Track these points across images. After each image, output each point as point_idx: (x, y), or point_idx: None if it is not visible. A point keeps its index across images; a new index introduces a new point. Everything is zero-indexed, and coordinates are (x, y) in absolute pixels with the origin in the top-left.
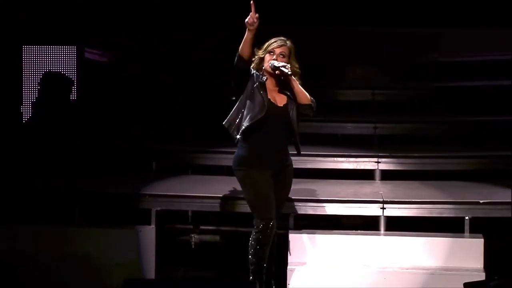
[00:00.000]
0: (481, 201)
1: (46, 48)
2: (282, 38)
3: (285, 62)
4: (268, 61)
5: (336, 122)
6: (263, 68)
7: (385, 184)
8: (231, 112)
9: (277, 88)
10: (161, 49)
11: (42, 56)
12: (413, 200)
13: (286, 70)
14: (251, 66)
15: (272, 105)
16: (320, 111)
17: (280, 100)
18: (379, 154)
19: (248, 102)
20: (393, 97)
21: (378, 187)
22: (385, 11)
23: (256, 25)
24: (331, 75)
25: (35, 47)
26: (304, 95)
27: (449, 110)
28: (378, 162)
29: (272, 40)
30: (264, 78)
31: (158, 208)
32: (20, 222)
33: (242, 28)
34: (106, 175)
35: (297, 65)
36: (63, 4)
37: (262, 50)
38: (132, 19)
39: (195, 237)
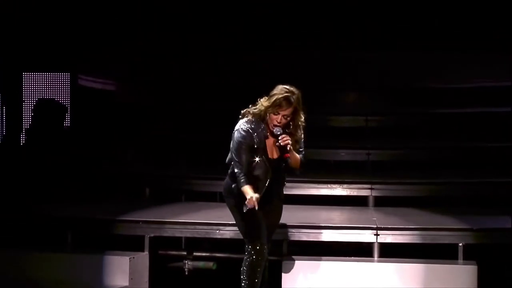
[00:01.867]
0: (474, 228)
1: (41, 75)
2: (288, 94)
3: (286, 122)
4: (273, 123)
5: (329, 148)
6: (266, 120)
7: (379, 210)
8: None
9: (275, 140)
10: (156, 75)
11: (37, 83)
12: (407, 226)
13: (288, 148)
14: (252, 113)
15: (270, 161)
16: (314, 138)
17: (276, 153)
18: (373, 180)
19: (249, 154)
20: (386, 123)
21: (371, 213)
22: (380, 36)
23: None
24: (325, 101)
25: (32, 74)
26: (295, 163)
27: (443, 136)
28: (371, 189)
29: (280, 96)
30: (266, 132)
31: (152, 235)
32: (13, 247)
33: (241, 53)
34: (99, 201)
35: (302, 118)
36: (55, 31)
37: (269, 103)
38: (127, 46)
39: (188, 264)
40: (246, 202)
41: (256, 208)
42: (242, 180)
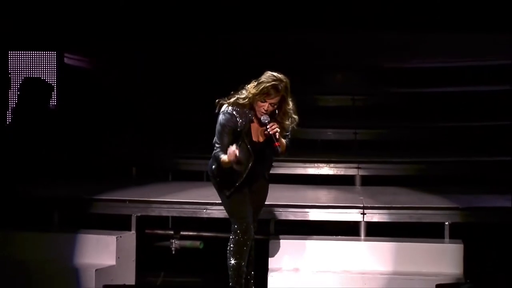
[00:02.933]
0: (460, 207)
1: (27, 54)
2: (276, 82)
3: (273, 110)
4: (260, 111)
5: (316, 128)
6: (254, 107)
7: (366, 189)
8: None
9: (260, 125)
10: (142, 54)
11: (23, 62)
12: (393, 205)
13: (276, 136)
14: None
15: (254, 144)
16: (300, 117)
17: (262, 135)
18: (360, 159)
19: (232, 137)
20: (373, 103)
21: (358, 193)
22: (365, 16)
23: (235, 160)
24: (311, 80)
25: (17, 53)
26: (282, 149)
27: (430, 115)
28: (358, 168)
29: (268, 85)
30: (252, 117)
31: (138, 214)
32: (1, 228)
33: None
34: (86, 181)
35: (290, 106)
36: (43, 9)
37: (256, 90)
38: (114, 24)
39: (175, 243)
40: (228, 158)
41: (237, 154)
42: (220, 155)
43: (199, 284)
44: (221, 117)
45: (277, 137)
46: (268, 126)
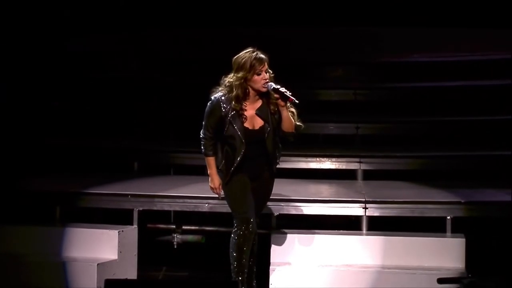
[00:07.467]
0: (462, 201)
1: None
2: (252, 51)
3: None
4: (262, 82)
5: (318, 122)
6: (250, 87)
7: (368, 184)
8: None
9: (254, 111)
10: (142, 49)
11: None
12: (395, 200)
13: (289, 94)
14: (225, 91)
15: (248, 132)
16: (302, 111)
17: (257, 123)
18: (361, 154)
19: (216, 121)
20: (375, 97)
21: (360, 187)
22: (366, 11)
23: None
24: (313, 75)
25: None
26: (290, 123)
27: (431, 110)
28: (360, 162)
29: (253, 55)
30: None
31: (140, 208)
32: (3, 223)
33: (222, 27)
34: (88, 176)
35: (270, 70)
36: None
37: (245, 70)
38: (113, 18)
39: (177, 237)
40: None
41: (219, 196)
42: (206, 148)
43: (201, 278)
44: (208, 103)
45: (290, 93)
46: (279, 88)
